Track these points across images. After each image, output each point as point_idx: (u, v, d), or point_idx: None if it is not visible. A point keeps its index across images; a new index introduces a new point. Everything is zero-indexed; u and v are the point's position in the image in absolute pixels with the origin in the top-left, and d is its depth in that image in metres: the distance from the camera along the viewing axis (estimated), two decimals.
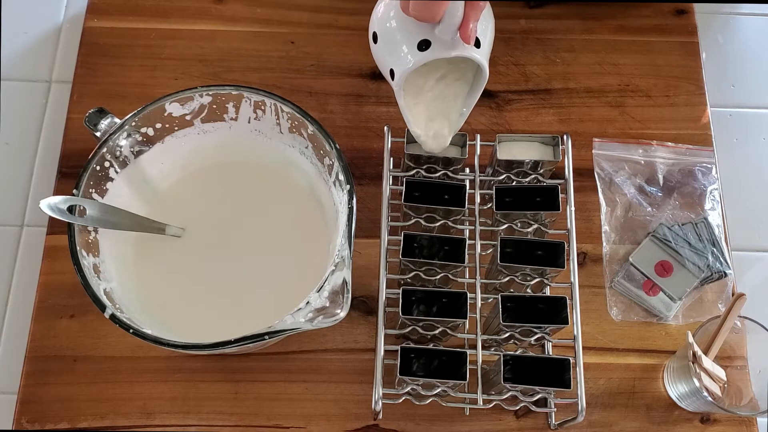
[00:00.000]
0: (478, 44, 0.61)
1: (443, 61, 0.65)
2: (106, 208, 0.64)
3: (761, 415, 0.66)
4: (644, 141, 0.81)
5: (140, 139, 0.67)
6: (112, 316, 0.58)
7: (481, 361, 0.63)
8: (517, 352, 0.62)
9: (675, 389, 0.70)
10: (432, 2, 0.55)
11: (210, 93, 0.66)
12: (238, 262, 0.70)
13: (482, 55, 0.62)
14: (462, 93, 0.67)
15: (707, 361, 0.67)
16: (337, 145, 0.64)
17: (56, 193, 0.77)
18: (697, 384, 0.66)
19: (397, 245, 0.64)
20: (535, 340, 0.64)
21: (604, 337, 0.74)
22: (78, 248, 0.60)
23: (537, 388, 0.61)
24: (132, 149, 0.67)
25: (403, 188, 0.66)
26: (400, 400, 0.63)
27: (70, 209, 0.61)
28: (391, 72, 0.62)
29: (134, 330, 0.57)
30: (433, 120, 0.67)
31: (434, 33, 0.59)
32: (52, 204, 0.59)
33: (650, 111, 0.83)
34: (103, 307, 0.58)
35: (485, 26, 0.63)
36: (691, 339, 0.67)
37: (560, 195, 0.66)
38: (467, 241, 0.64)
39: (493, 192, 0.66)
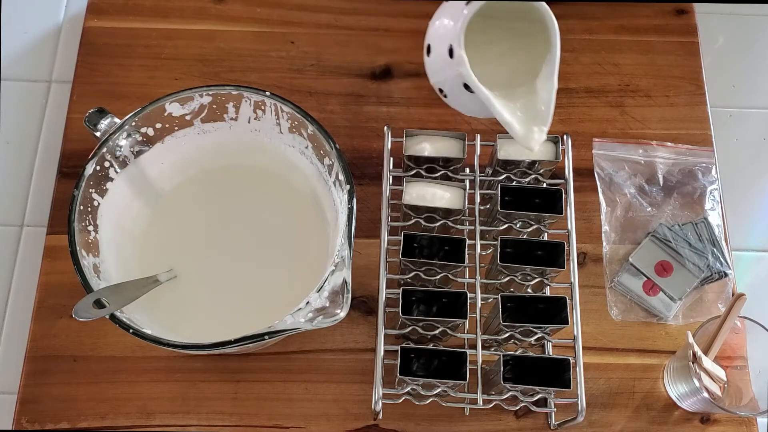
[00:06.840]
0: None
1: (504, 36, 0.59)
2: (115, 287, 0.62)
3: (761, 415, 0.66)
4: (644, 141, 0.81)
5: (140, 139, 0.67)
6: (112, 316, 0.58)
7: (481, 361, 0.63)
8: (517, 352, 0.62)
9: (675, 389, 0.70)
10: None
11: (210, 93, 0.66)
12: (238, 261, 0.70)
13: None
14: (532, 68, 0.60)
15: (707, 361, 0.67)
16: (337, 145, 0.64)
17: (56, 193, 0.77)
18: (697, 384, 0.66)
19: (397, 245, 0.64)
20: (535, 340, 0.64)
21: (604, 337, 0.74)
22: (78, 248, 0.60)
23: (537, 388, 0.61)
24: (132, 149, 0.67)
25: (403, 188, 0.66)
26: (400, 400, 0.63)
27: (96, 304, 0.58)
28: (450, 49, 0.57)
29: (134, 330, 0.57)
30: (519, 107, 0.61)
31: None
32: (81, 311, 0.56)
33: (650, 111, 0.83)
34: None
35: None
36: (691, 339, 0.67)
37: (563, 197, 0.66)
38: (467, 241, 0.64)
39: (498, 191, 0.66)
